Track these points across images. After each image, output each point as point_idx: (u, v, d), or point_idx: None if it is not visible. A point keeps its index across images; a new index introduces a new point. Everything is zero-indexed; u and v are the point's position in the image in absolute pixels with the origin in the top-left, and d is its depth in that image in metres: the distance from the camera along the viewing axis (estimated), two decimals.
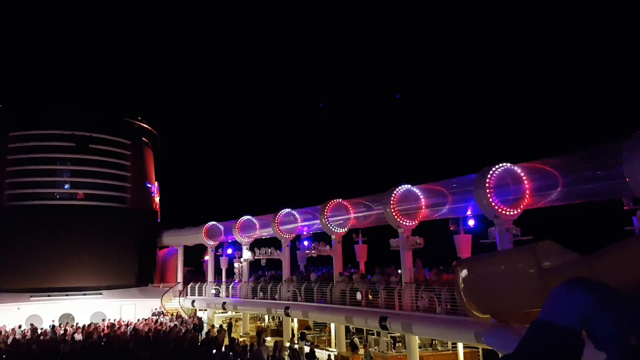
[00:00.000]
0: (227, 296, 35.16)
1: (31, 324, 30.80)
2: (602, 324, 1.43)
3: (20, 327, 30.42)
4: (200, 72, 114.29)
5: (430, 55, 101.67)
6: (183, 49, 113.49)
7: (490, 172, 17.72)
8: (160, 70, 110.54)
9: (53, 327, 30.44)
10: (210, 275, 39.57)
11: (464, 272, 14.25)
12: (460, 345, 21.49)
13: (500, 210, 17.68)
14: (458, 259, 19.37)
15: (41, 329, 30.08)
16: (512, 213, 17.89)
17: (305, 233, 30.77)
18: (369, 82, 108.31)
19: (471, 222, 20.30)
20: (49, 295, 37.11)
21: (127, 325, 31.82)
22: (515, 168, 17.95)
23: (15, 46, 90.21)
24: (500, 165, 17.92)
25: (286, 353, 23.17)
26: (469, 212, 20.08)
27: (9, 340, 26.05)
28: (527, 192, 17.81)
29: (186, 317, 35.25)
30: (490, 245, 18.20)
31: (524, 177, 17.78)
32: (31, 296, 36.43)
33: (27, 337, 26.96)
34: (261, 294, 31.72)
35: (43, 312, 34.87)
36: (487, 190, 17.60)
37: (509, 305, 15.17)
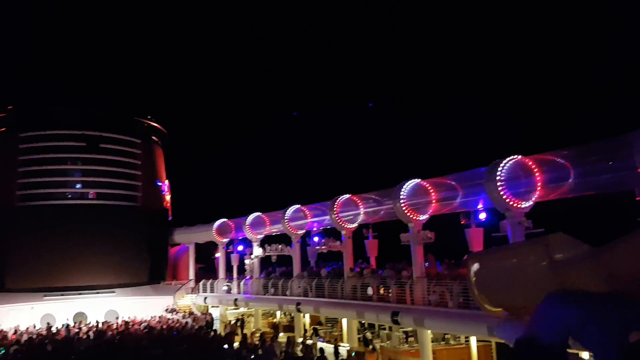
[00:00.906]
0: (239, 292, 35.31)
1: (47, 323, 31.08)
2: (590, 333, 1.40)
3: (34, 326, 30.73)
4: (209, 69, 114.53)
5: (434, 50, 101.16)
6: (191, 47, 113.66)
7: (502, 164, 17.62)
8: (168, 68, 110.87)
9: (67, 325, 30.67)
10: (221, 272, 39.73)
11: (475, 266, 14.11)
12: (473, 339, 21.43)
13: (511, 203, 17.58)
14: (470, 252, 19.29)
15: (56, 327, 30.40)
16: (523, 206, 17.79)
17: (315, 229, 30.78)
18: (377, 76, 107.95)
19: (482, 216, 20.18)
20: (62, 295, 37.45)
21: (140, 322, 32.07)
22: (527, 160, 17.83)
23: (24, 47, 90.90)
24: (512, 157, 17.81)
25: (299, 348, 23.24)
26: (480, 206, 19.98)
27: (23, 339, 26.33)
28: (539, 184, 17.68)
29: (199, 314, 35.45)
30: (502, 239, 18.11)
31: (535, 169, 17.65)
32: (44, 295, 36.77)
33: (41, 336, 27.23)
34: (272, 290, 31.84)
35: (57, 311, 35.16)
36: (499, 183, 17.50)
37: (520, 299, 15.03)
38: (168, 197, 51.27)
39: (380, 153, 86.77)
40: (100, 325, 30.54)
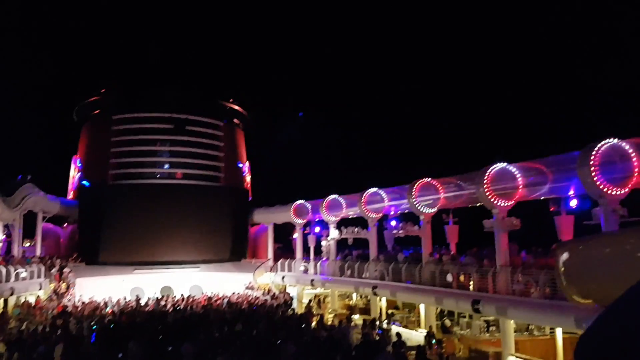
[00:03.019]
0: (315, 273, 35.76)
1: (136, 295, 32.89)
2: None
3: (125, 298, 32.64)
4: (289, 51, 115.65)
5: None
6: (273, 30, 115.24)
7: (596, 148, 16.47)
8: (250, 52, 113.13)
9: (157, 298, 32.19)
10: (298, 253, 40.41)
11: (564, 255, 13.44)
12: (558, 331, 20.44)
13: (605, 189, 16.44)
14: (558, 241, 18.33)
15: (147, 298, 32.13)
16: (618, 192, 16.60)
17: (392, 213, 30.43)
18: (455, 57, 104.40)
19: (573, 203, 19.02)
20: (150, 268, 39.57)
21: (222, 298, 33.29)
22: (623, 144, 16.57)
23: (116, 33, 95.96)
24: (606, 141, 16.60)
25: (375, 332, 23.18)
26: (571, 192, 18.84)
27: (113, 309, 28.08)
28: (636, 169, 16.42)
29: (277, 292, 36.31)
30: (594, 227, 17.03)
31: (632, 154, 16.39)
32: (134, 269, 38.99)
33: (131, 308, 28.92)
34: (348, 272, 31.96)
35: (145, 285, 37.06)
36: (592, 168, 16.39)
37: (614, 291, 14.13)
38: (248, 178, 52.73)
39: (464, 134, 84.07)
40: (185, 299, 32.01)
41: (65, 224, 45.92)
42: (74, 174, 49.19)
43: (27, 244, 39.43)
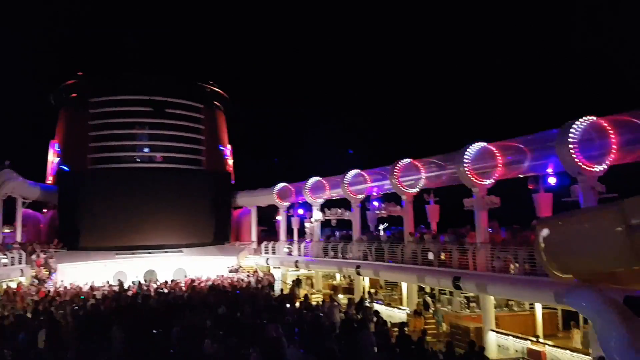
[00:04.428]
0: (299, 255, 35.91)
1: (119, 280, 32.68)
2: None
3: (107, 282, 32.38)
4: (271, 33, 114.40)
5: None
6: (253, 11, 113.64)
7: (574, 126, 16.64)
8: (230, 33, 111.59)
9: (139, 283, 32.00)
10: (282, 235, 40.52)
11: (544, 231, 13.56)
12: (538, 306, 20.86)
13: (584, 166, 16.67)
14: (537, 218, 18.58)
15: (131, 282, 31.90)
16: (597, 169, 16.85)
17: (375, 193, 30.58)
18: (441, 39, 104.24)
19: (552, 180, 19.25)
20: (133, 253, 39.30)
21: (205, 281, 33.25)
22: (601, 121, 16.78)
23: (92, 14, 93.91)
24: (585, 118, 16.79)
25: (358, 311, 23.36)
26: (549, 170, 19.07)
27: (97, 295, 27.86)
28: (614, 147, 16.66)
29: (261, 275, 36.43)
30: (573, 204, 17.29)
31: (611, 131, 16.61)
32: (116, 254, 38.66)
33: (114, 292, 28.71)
34: (332, 253, 32.17)
35: (128, 269, 36.84)
36: (571, 146, 16.58)
37: (593, 265, 14.39)
38: (230, 161, 52.41)
39: (444, 115, 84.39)
40: (169, 282, 31.90)
41: (45, 210, 45.26)
42: (52, 158, 48.40)
43: (7, 230, 38.84)
